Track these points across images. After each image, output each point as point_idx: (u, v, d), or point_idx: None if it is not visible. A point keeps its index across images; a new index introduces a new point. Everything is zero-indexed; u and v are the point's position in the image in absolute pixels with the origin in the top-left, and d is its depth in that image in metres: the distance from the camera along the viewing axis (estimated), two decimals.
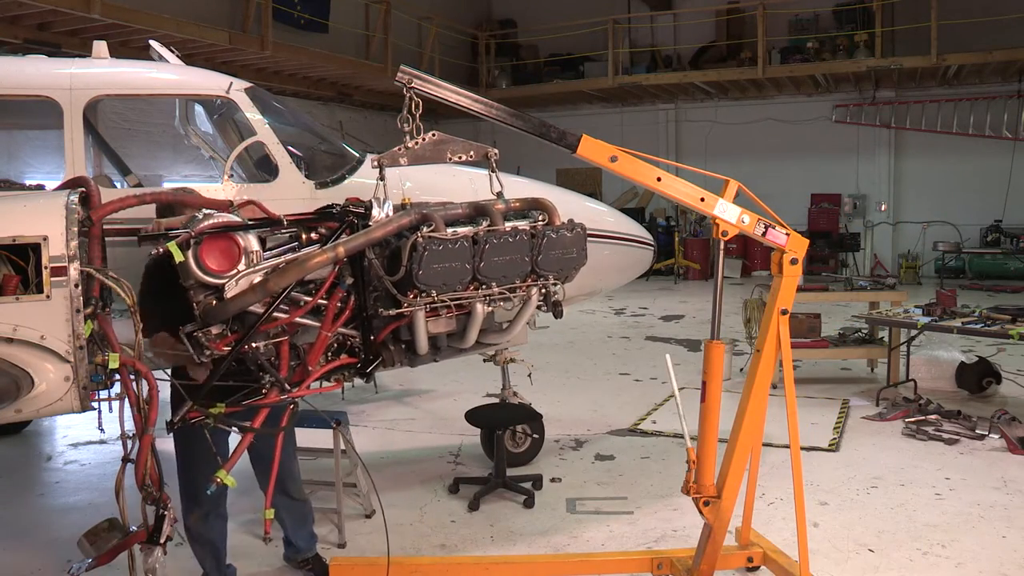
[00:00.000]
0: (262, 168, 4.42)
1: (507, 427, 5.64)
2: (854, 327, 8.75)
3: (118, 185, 4.49)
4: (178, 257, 3.03)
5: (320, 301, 3.28)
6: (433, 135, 3.34)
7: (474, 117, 3.43)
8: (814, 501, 5.12)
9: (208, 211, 3.21)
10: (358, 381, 8.48)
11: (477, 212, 3.42)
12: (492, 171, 3.54)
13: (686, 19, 19.85)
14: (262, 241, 3.22)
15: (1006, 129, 16.71)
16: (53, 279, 2.85)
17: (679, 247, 18.35)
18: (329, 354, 3.39)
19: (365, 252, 3.26)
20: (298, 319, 3.26)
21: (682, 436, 3.84)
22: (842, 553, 4.42)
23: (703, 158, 18.90)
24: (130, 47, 11.11)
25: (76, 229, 2.88)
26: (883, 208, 18.20)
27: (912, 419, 6.68)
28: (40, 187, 3.98)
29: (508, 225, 3.37)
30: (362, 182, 4.27)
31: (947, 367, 7.87)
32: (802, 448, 6.09)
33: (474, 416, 5.60)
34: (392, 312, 3.28)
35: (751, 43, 17.62)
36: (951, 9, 15.43)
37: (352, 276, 3.31)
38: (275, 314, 3.19)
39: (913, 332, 7.54)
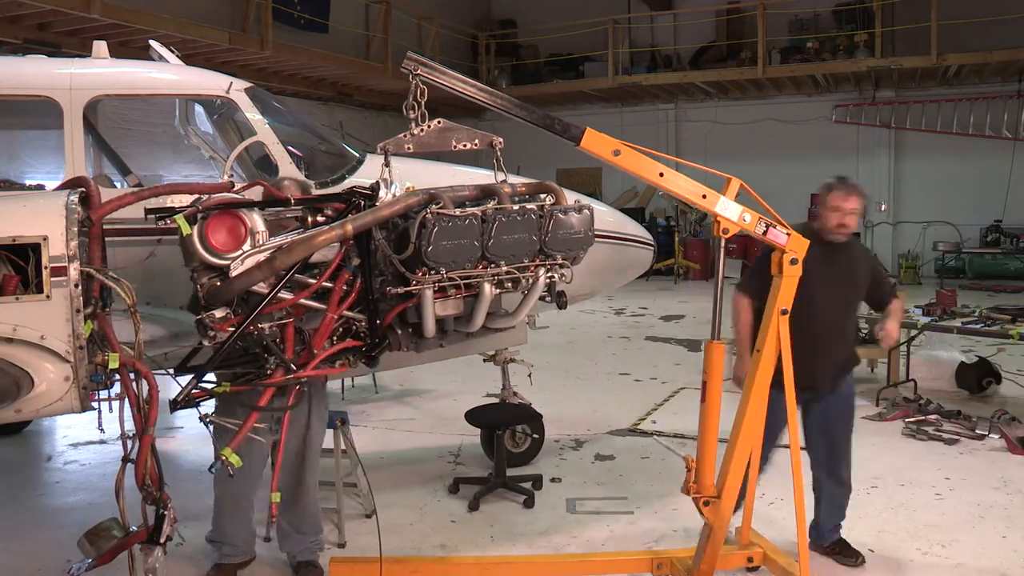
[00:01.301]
0: (262, 168, 4.42)
1: (507, 427, 5.64)
2: None
3: (118, 185, 4.49)
4: (184, 230, 3.03)
5: (326, 284, 3.28)
6: (438, 122, 3.34)
7: (475, 116, 3.43)
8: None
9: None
10: (358, 381, 8.45)
11: (485, 193, 3.42)
12: (496, 160, 3.53)
13: (686, 19, 19.84)
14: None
15: (1006, 129, 16.70)
16: (53, 279, 2.85)
17: (679, 247, 18.35)
18: (334, 338, 3.39)
19: (372, 233, 3.26)
20: (304, 301, 3.25)
21: (682, 436, 3.83)
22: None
23: (703, 158, 18.68)
24: (130, 47, 11.10)
25: (76, 229, 2.88)
26: (883, 208, 18.19)
27: (912, 419, 6.68)
28: (40, 187, 3.98)
29: (516, 205, 3.37)
30: (362, 182, 4.27)
31: (947, 367, 7.87)
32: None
33: (474, 416, 5.60)
34: (400, 291, 3.27)
35: (751, 43, 17.62)
36: (951, 9, 15.42)
37: (359, 257, 3.30)
38: (281, 295, 3.18)
39: (913, 332, 7.53)
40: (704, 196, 3.57)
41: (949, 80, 17.11)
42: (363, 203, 3.36)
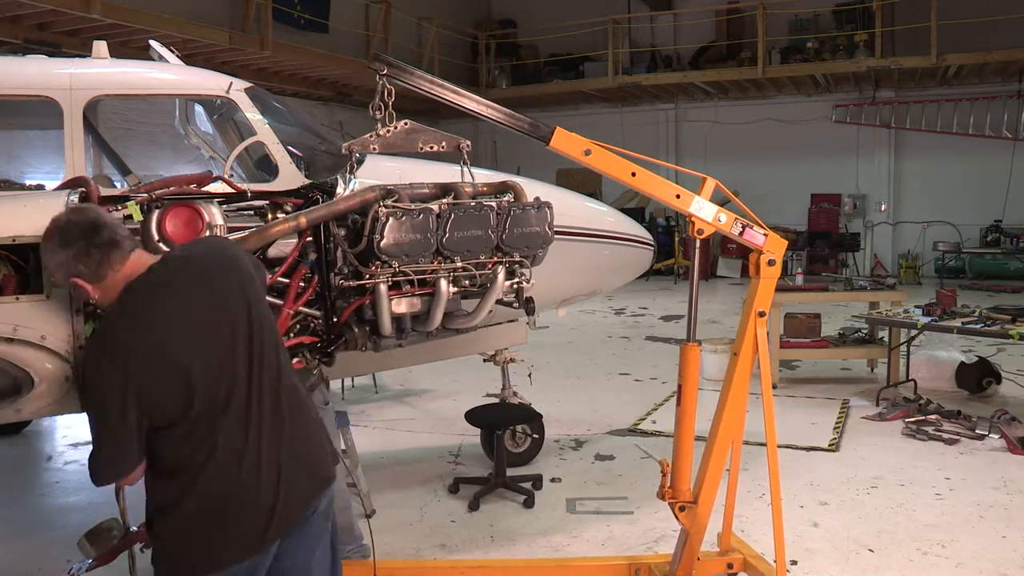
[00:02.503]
0: (262, 168, 4.42)
1: (507, 427, 5.64)
2: (854, 327, 8.75)
3: (118, 185, 4.48)
4: (136, 216, 3.03)
5: (283, 279, 3.26)
6: (405, 123, 3.33)
7: (474, 117, 3.41)
8: (814, 501, 5.12)
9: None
10: (359, 381, 8.43)
11: (444, 191, 3.42)
12: (464, 162, 3.54)
13: (686, 19, 19.85)
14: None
15: (1006, 129, 16.71)
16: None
17: (679, 247, 18.35)
18: (291, 334, 3.38)
19: (330, 229, 3.26)
20: None
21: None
22: (842, 553, 4.42)
23: (703, 158, 18.88)
24: (130, 47, 11.11)
25: None
26: (883, 208, 18.20)
27: (912, 419, 6.68)
28: (40, 187, 3.98)
29: (473, 201, 3.36)
30: (362, 182, 4.27)
31: (947, 367, 7.87)
32: (802, 448, 6.14)
33: (474, 416, 5.60)
34: (353, 283, 3.26)
35: (751, 43, 17.63)
36: (951, 9, 15.43)
37: (316, 253, 3.30)
38: None
39: (913, 332, 7.53)
40: (678, 196, 3.51)
41: (949, 80, 17.11)
42: (321, 198, 3.37)
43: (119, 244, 2.32)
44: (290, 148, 4.29)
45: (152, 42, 5.08)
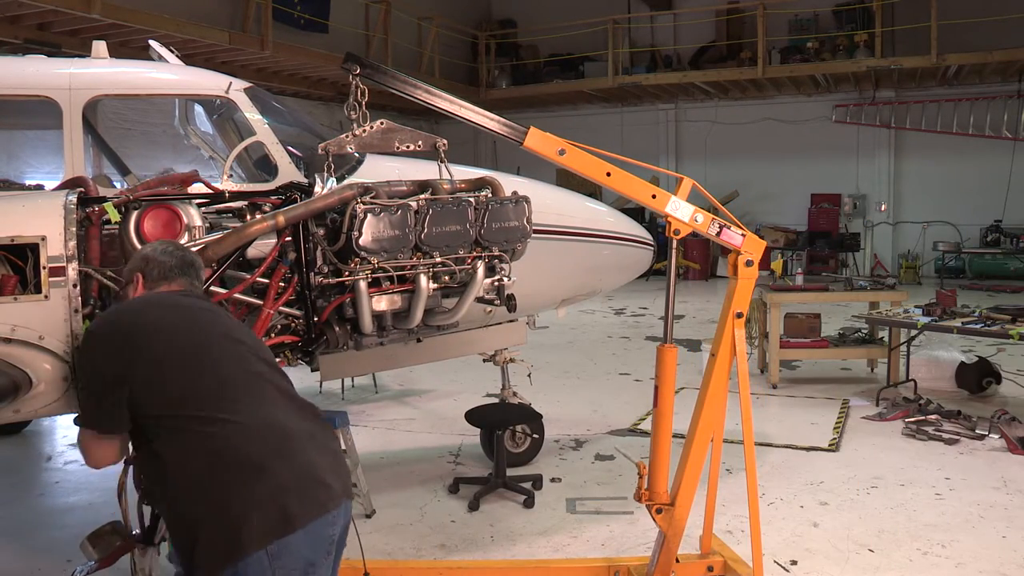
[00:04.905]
0: (261, 168, 4.42)
1: (507, 427, 5.63)
2: (854, 327, 8.75)
3: (117, 185, 4.48)
4: (114, 217, 3.03)
5: (263, 280, 3.26)
6: (381, 123, 3.34)
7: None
8: (814, 501, 5.12)
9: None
10: (359, 381, 8.42)
11: (422, 188, 3.43)
12: (441, 161, 3.54)
13: (686, 19, 19.85)
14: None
15: (1006, 129, 16.71)
16: (51, 279, 2.86)
17: (679, 247, 18.31)
18: (272, 334, 3.37)
19: (309, 228, 3.26)
20: (239, 296, 3.23)
21: (681, 436, 3.81)
22: (842, 553, 4.41)
23: (703, 158, 18.88)
24: (130, 47, 11.11)
25: (74, 229, 2.88)
26: (883, 208, 18.20)
27: (912, 419, 6.67)
28: (39, 187, 3.98)
29: (451, 197, 3.37)
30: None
31: (947, 367, 7.87)
32: (802, 448, 6.14)
33: (474, 416, 5.60)
34: (333, 281, 3.26)
35: (751, 43, 17.62)
36: (951, 9, 15.43)
37: (295, 252, 3.30)
38: (215, 289, 3.17)
39: (913, 332, 7.53)
40: (654, 196, 3.49)
41: (949, 80, 17.11)
42: (299, 196, 3.37)
43: None
44: (289, 148, 4.30)
45: (152, 42, 5.08)
